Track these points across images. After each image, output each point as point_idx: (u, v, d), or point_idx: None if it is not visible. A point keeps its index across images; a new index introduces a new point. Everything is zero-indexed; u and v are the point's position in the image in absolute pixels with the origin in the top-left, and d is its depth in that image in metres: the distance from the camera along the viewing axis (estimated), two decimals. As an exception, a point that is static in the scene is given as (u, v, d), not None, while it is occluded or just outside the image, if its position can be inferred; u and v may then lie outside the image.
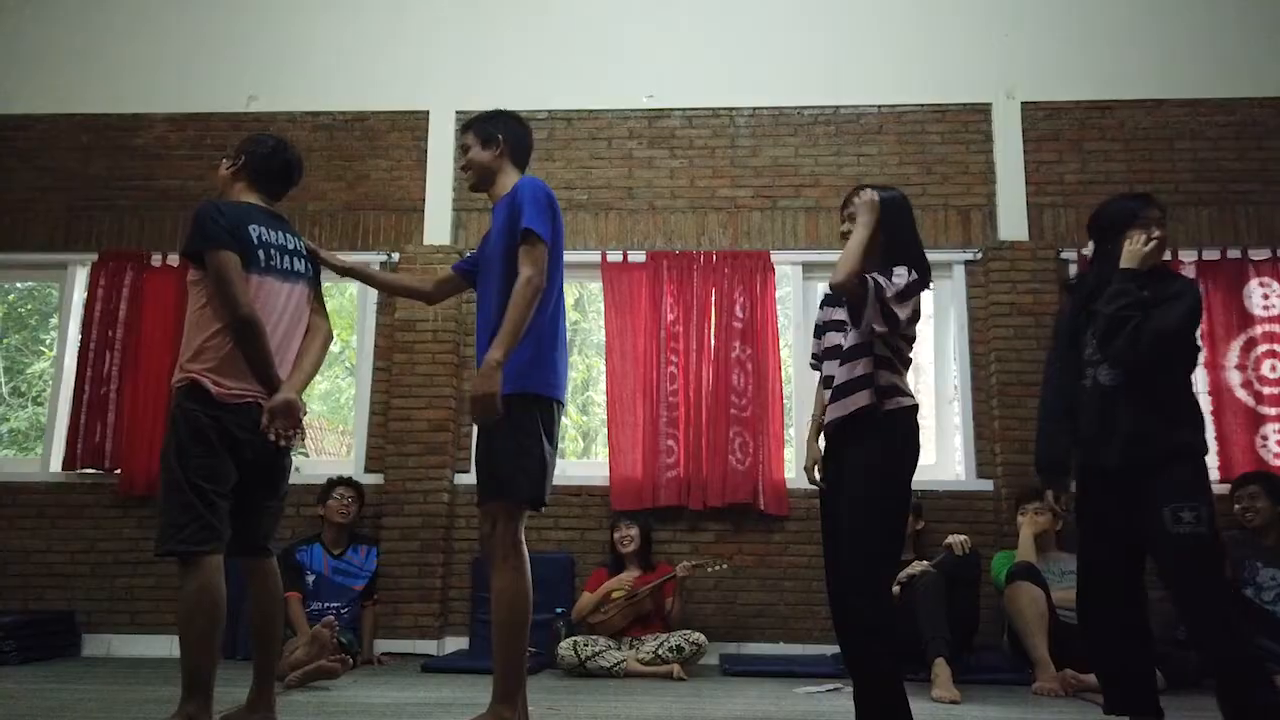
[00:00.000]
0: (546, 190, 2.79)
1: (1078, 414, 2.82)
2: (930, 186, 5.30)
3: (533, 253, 2.66)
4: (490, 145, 2.90)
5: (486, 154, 2.90)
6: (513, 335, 2.59)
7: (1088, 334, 2.81)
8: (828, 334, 2.86)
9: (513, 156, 2.93)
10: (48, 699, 3.54)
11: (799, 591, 4.89)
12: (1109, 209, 2.94)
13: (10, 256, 5.52)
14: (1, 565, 5.11)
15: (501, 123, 2.94)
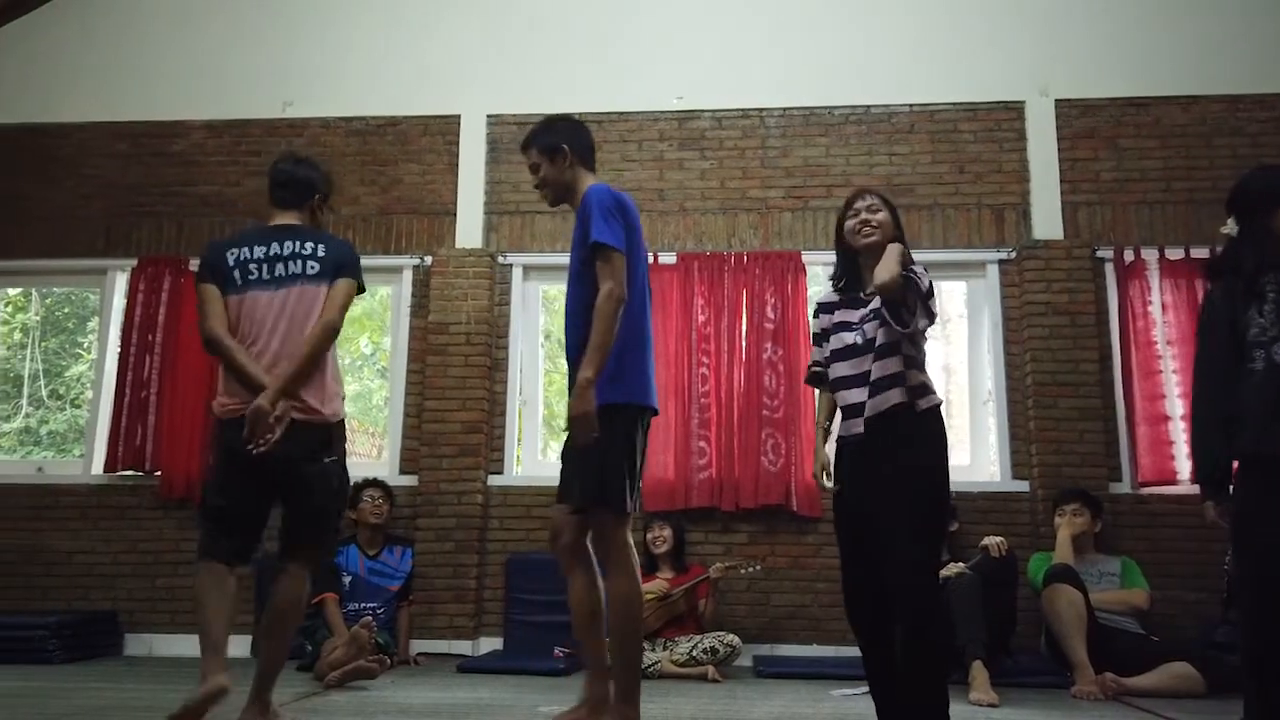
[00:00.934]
0: (614, 194, 2.79)
1: (1243, 403, 2.57)
2: (963, 185, 5.26)
3: (608, 265, 2.68)
4: (558, 157, 2.91)
5: (557, 168, 2.91)
6: (601, 351, 2.64)
7: (1249, 314, 2.59)
8: (836, 336, 2.80)
9: (582, 161, 2.94)
10: (92, 698, 3.61)
11: (832, 593, 4.86)
12: (1254, 184, 2.74)
13: (52, 263, 5.63)
14: (45, 565, 5.22)
15: (561, 131, 2.94)
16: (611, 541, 2.72)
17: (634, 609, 2.68)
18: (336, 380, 3.05)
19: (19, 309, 7.60)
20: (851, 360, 2.74)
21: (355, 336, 9.69)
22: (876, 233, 2.74)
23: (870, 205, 2.79)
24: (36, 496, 5.30)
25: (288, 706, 3.39)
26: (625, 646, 2.69)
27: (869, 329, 2.71)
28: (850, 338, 2.75)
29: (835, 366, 2.78)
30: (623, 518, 2.74)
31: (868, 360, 2.69)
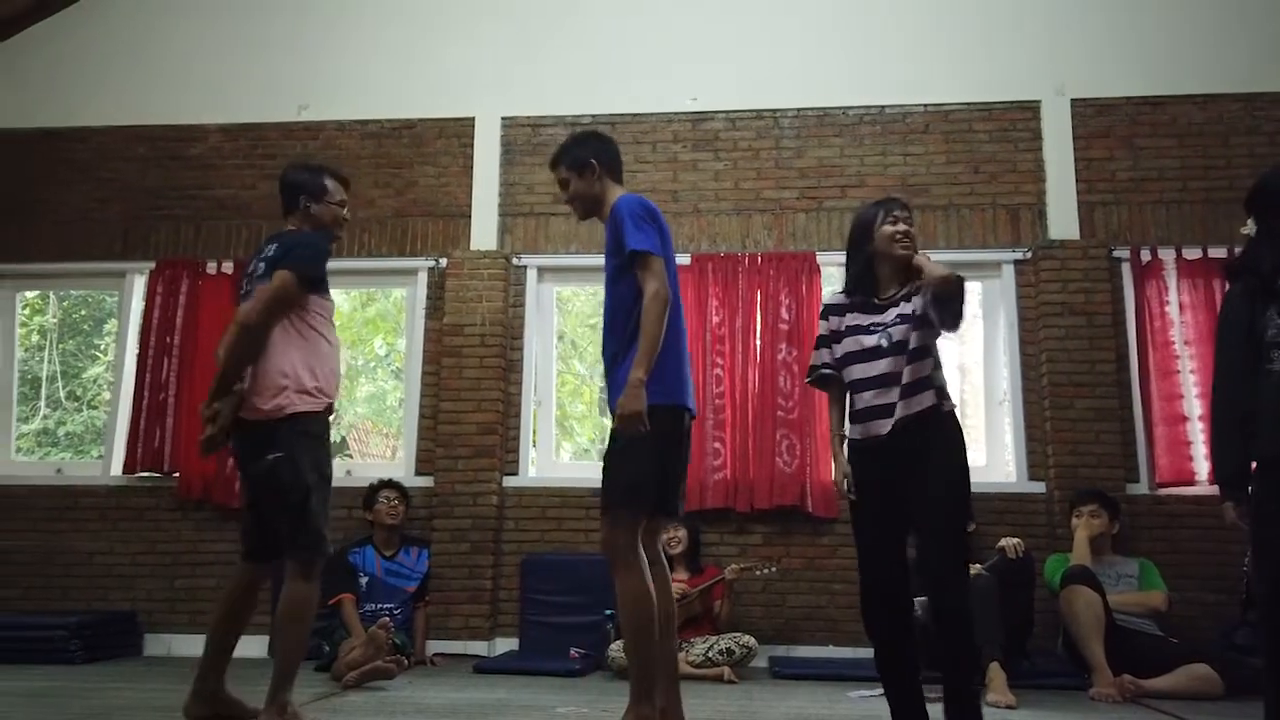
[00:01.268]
0: (643, 202, 2.83)
1: (1261, 403, 2.57)
2: (978, 185, 5.25)
3: (648, 269, 2.72)
4: (587, 172, 2.94)
5: (586, 182, 2.94)
6: (650, 352, 2.67)
7: (1268, 314, 2.59)
8: (851, 339, 2.80)
9: (610, 174, 2.96)
10: (113, 698, 3.64)
11: (848, 594, 4.86)
12: (1273, 183, 2.73)
13: (71, 265, 5.68)
14: (66, 566, 5.26)
15: (589, 145, 2.98)
16: (625, 540, 2.72)
17: (641, 609, 2.68)
18: (288, 375, 2.98)
19: (36, 311, 7.67)
20: (872, 363, 2.74)
21: (369, 338, 9.76)
22: (911, 245, 2.79)
23: (907, 217, 2.83)
24: (56, 498, 5.35)
25: (307, 706, 3.41)
26: (634, 647, 2.70)
27: (897, 332, 2.72)
28: (871, 341, 2.75)
29: (852, 369, 2.78)
30: (633, 518, 2.74)
31: (894, 362, 2.70)
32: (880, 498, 2.72)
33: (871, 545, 2.76)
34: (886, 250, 2.80)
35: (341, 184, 3.34)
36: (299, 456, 2.96)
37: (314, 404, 3.01)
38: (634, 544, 2.73)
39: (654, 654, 2.70)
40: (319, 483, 3.00)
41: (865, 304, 2.83)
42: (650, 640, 2.68)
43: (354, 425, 10.68)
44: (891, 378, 2.69)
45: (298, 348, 3.03)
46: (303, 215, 3.23)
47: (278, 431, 2.96)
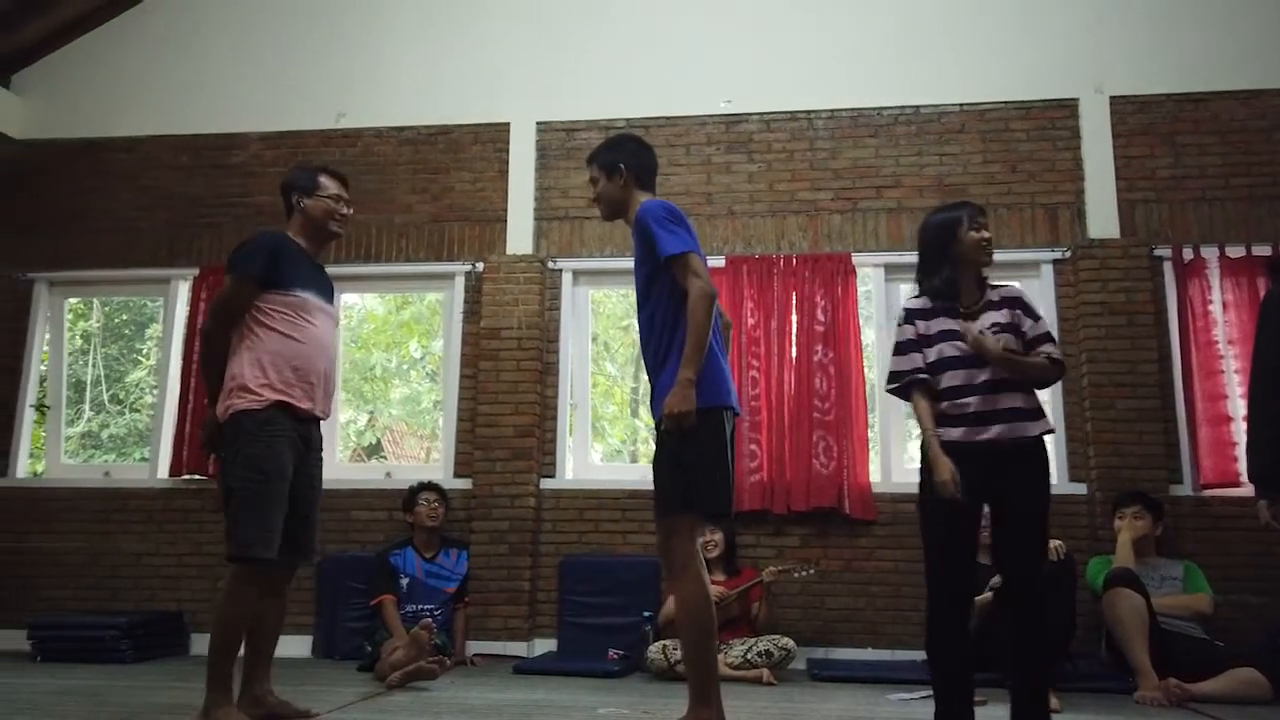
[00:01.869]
0: (665, 205, 2.84)
1: None
2: (1015, 185, 5.21)
3: (687, 268, 2.73)
4: (615, 175, 2.97)
5: (613, 185, 2.97)
6: (698, 350, 2.69)
7: None
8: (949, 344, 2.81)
9: (638, 181, 2.98)
10: (164, 696, 3.71)
11: (887, 596, 4.86)
12: None
13: (117, 273, 5.80)
14: (114, 567, 5.38)
15: (622, 150, 3.01)
16: (681, 545, 2.75)
17: (701, 614, 2.71)
18: (235, 376, 3.04)
19: (80, 316, 7.83)
20: (970, 370, 2.77)
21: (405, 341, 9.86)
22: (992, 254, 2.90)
23: (987, 224, 2.89)
24: (105, 500, 5.47)
25: (353, 706, 3.47)
26: (693, 651, 2.72)
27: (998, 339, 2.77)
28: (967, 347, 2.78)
29: (949, 375, 2.80)
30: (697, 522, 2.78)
31: (993, 369, 2.75)
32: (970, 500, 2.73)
33: (950, 544, 2.76)
34: (972, 257, 2.84)
35: (339, 181, 3.34)
36: (232, 456, 3.00)
37: (254, 401, 3.01)
38: (693, 550, 2.76)
39: (714, 658, 2.72)
40: (250, 482, 2.96)
41: (951, 309, 2.84)
42: (711, 645, 2.70)
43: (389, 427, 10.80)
44: (1000, 384, 2.74)
45: (248, 348, 3.07)
46: (298, 214, 3.28)
47: (224, 431, 3.04)
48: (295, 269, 3.16)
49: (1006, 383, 2.76)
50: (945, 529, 2.77)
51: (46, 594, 5.36)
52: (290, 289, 3.12)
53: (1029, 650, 2.72)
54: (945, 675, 2.77)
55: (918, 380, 2.85)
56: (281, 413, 3.04)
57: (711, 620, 2.72)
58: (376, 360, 9.55)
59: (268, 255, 3.10)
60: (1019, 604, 2.74)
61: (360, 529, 5.27)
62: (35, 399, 5.80)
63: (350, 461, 6.78)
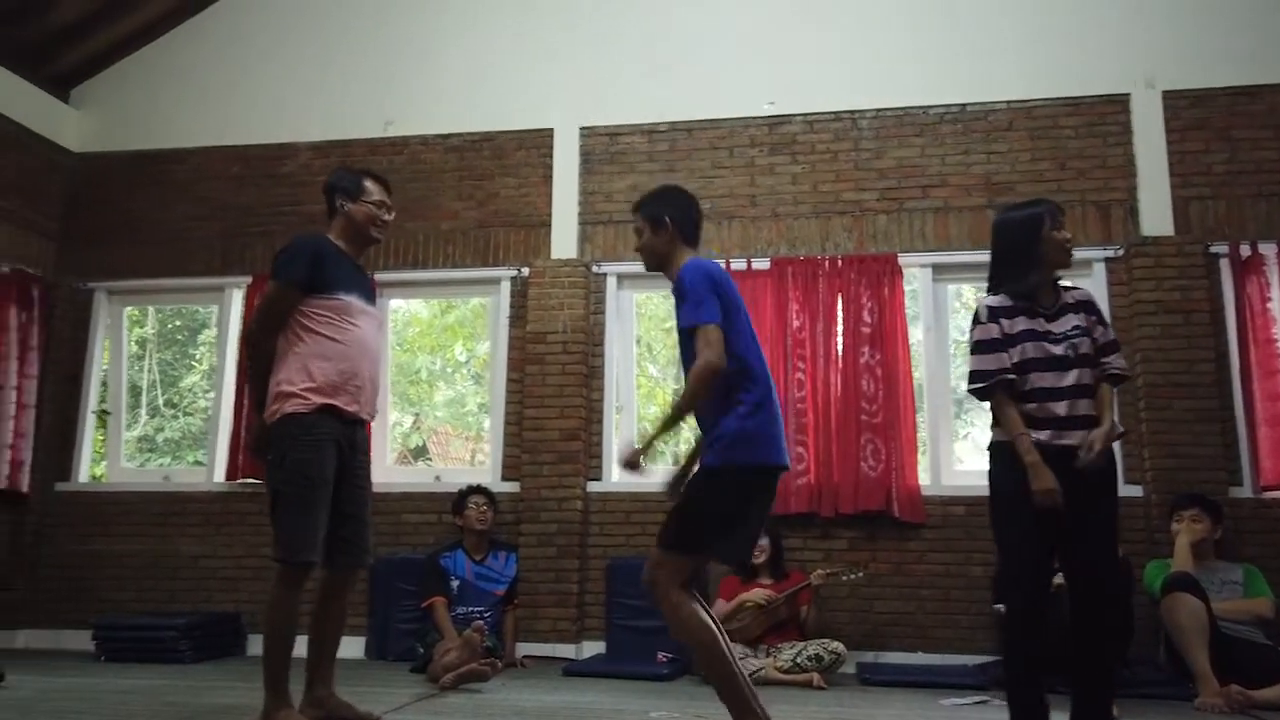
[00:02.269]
0: (705, 270, 2.82)
1: None
2: (1066, 182, 5.14)
3: (702, 339, 2.72)
4: (660, 229, 2.96)
5: (658, 239, 2.96)
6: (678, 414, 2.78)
7: None
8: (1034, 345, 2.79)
9: (682, 236, 2.97)
10: (222, 696, 3.80)
11: (937, 600, 4.82)
12: None
13: (173, 281, 5.94)
14: (174, 569, 5.51)
15: (667, 203, 2.99)
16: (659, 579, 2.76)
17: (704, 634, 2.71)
18: (280, 380, 3.07)
19: (135, 323, 8.03)
20: (1058, 372, 2.76)
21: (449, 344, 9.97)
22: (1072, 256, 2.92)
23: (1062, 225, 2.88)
24: (164, 504, 5.61)
25: (407, 708, 3.52)
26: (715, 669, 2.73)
27: (1082, 344, 2.77)
28: (1058, 350, 2.77)
29: (1035, 377, 2.77)
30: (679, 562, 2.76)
31: (1082, 374, 2.76)
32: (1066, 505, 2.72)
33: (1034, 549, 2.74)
34: (1055, 258, 2.83)
35: (382, 187, 3.37)
36: (278, 460, 3.04)
37: (301, 405, 3.03)
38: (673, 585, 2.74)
39: (730, 671, 2.68)
40: (294, 486, 3.00)
41: (1030, 309, 2.82)
42: (724, 660, 2.68)
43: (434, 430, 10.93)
44: (1084, 390, 2.75)
45: (295, 352, 3.10)
46: (340, 216, 3.31)
47: (272, 436, 3.07)
48: (337, 272, 3.18)
49: (1087, 389, 2.77)
50: (1029, 534, 2.73)
51: (109, 595, 5.51)
52: (333, 292, 3.15)
53: (1095, 657, 2.70)
54: (1022, 678, 2.74)
55: (1005, 381, 2.79)
56: (327, 415, 3.07)
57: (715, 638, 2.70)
58: (421, 363, 9.68)
59: (310, 259, 3.13)
60: (1088, 610, 2.72)
61: (410, 531, 5.34)
62: (96, 405, 5.95)
63: (396, 464, 6.87)
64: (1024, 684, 2.73)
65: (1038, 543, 2.72)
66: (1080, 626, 2.73)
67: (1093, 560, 2.74)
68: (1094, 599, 2.73)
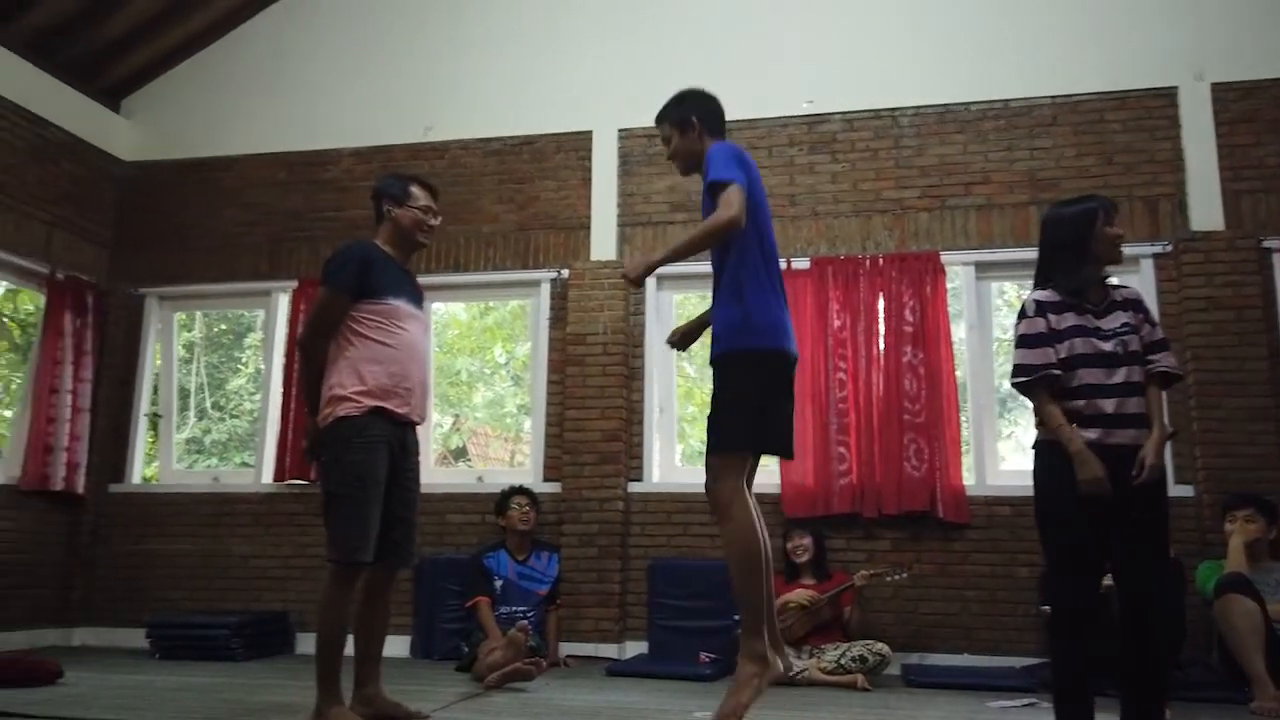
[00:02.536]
0: (730, 147, 2.89)
1: None
2: (1112, 178, 5.06)
3: (723, 197, 2.75)
4: (688, 129, 3.03)
5: (687, 139, 3.02)
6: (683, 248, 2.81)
7: None
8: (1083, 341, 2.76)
9: (711, 130, 3.03)
10: (273, 693, 3.87)
11: (983, 601, 4.77)
12: None
13: (221, 286, 6.05)
14: (223, 569, 5.62)
15: (690, 104, 3.07)
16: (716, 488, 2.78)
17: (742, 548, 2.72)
18: (333, 385, 3.13)
19: (184, 328, 8.21)
20: (1107, 369, 2.73)
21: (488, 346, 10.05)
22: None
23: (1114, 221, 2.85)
24: (214, 505, 5.72)
25: (453, 706, 3.56)
26: (739, 584, 2.75)
27: (1131, 341, 2.74)
28: (1107, 346, 2.74)
29: (1084, 373, 2.74)
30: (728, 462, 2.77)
31: (1131, 372, 2.72)
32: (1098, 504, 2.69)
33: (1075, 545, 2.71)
34: (1108, 254, 2.82)
35: (429, 192, 3.41)
36: (331, 463, 3.11)
37: (353, 408, 3.09)
38: (736, 487, 2.76)
39: (762, 591, 2.72)
40: (348, 488, 3.05)
41: (1079, 306, 2.80)
42: (759, 578, 2.71)
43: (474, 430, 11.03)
44: (1133, 387, 2.72)
45: (345, 356, 3.15)
46: (387, 222, 3.35)
47: (325, 439, 3.13)
48: (385, 277, 3.23)
49: (1136, 386, 2.73)
50: (1074, 533, 2.70)
51: (161, 594, 5.63)
52: (382, 297, 3.20)
53: (1144, 660, 2.66)
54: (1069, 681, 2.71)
55: (1049, 376, 2.76)
56: (379, 418, 3.12)
57: (756, 557, 2.72)
58: (461, 365, 9.77)
59: (358, 265, 3.19)
60: (1137, 612, 2.68)
61: (454, 532, 5.40)
62: (148, 408, 6.08)
63: (437, 464, 6.94)
64: (1071, 687, 2.70)
65: (1083, 542, 2.69)
66: (1129, 628, 2.69)
67: (1142, 561, 2.70)
68: (1143, 601, 2.69)
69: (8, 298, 7.36)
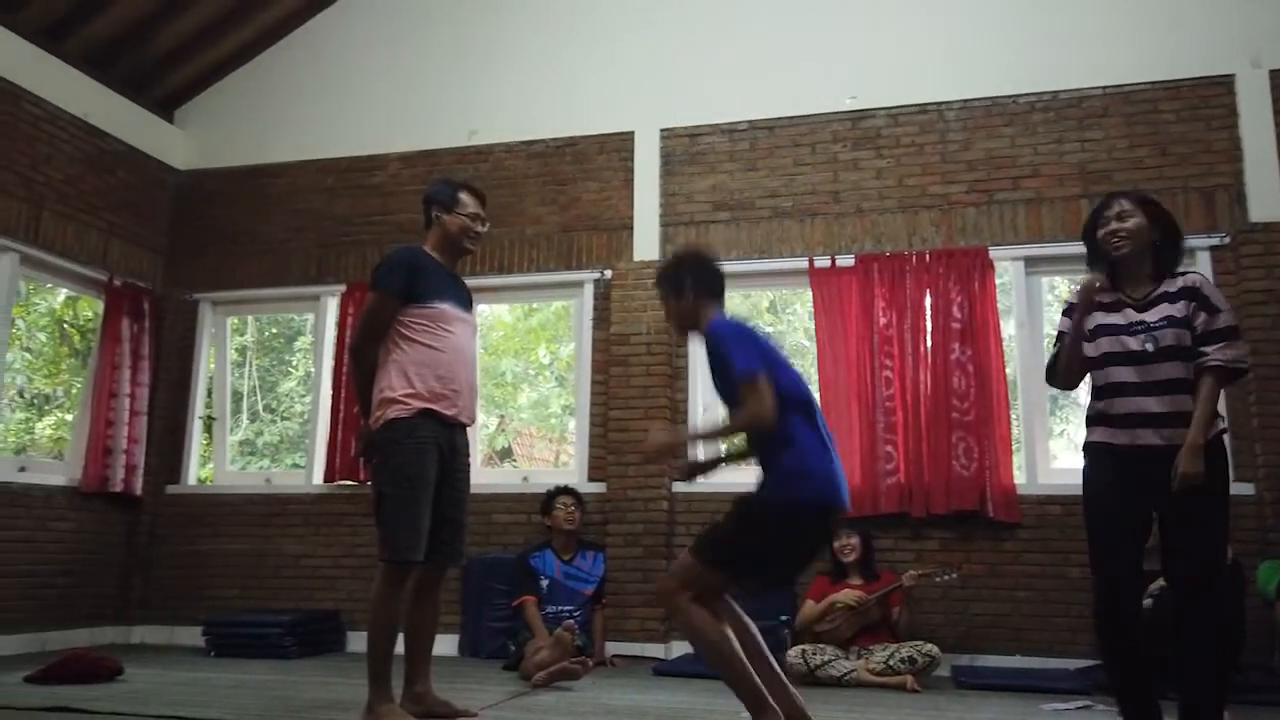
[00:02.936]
0: (732, 326, 2.92)
1: None
2: (1166, 169, 4.94)
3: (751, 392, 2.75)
4: (682, 295, 3.03)
5: (685, 304, 3.03)
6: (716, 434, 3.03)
7: None
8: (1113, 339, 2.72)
9: (708, 293, 3.03)
10: (326, 691, 3.94)
11: (1035, 602, 4.69)
12: None
13: (272, 291, 6.17)
14: (276, 568, 5.73)
15: (685, 269, 3.06)
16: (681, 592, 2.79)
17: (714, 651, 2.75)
18: (383, 388, 3.19)
19: (236, 332, 8.37)
20: (1134, 367, 2.67)
21: (532, 347, 10.11)
22: (1127, 244, 2.73)
23: (1120, 212, 2.75)
24: (266, 505, 5.83)
25: (500, 705, 3.59)
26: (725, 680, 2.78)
27: (1165, 336, 2.65)
28: (1135, 344, 2.68)
29: (1113, 371, 2.70)
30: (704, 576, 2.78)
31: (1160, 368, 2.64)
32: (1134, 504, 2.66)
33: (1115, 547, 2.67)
34: (1107, 250, 2.76)
35: (477, 198, 3.46)
36: (382, 464, 3.16)
37: (403, 410, 3.14)
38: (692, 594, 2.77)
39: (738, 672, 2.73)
40: (398, 488, 3.11)
41: (1114, 302, 2.76)
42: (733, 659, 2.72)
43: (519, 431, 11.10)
44: (1167, 385, 2.63)
45: (394, 360, 3.21)
46: (435, 227, 3.40)
47: (377, 441, 3.19)
48: (433, 281, 3.29)
49: (1173, 383, 2.63)
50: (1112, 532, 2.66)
51: (216, 593, 5.75)
52: (430, 301, 3.25)
53: (1196, 661, 2.60)
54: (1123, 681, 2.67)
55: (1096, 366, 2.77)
56: (428, 420, 3.17)
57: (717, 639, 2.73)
58: (505, 366, 9.85)
59: (407, 270, 3.25)
60: (1186, 612, 2.62)
61: (500, 531, 5.44)
62: (202, 411, 6.22)
63: (484, 465, 7.00)
64: (1128, 686, 2.65)
65: (1122, 540, 2.66)
66: (1181, 629, 2.63)
67: (1189, 560, 2.62)
68: (1191, 601, 2.62)
69: (68, 305, 7.59)
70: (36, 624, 5.24)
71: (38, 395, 8.55)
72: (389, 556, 3.11)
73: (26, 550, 5.23)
